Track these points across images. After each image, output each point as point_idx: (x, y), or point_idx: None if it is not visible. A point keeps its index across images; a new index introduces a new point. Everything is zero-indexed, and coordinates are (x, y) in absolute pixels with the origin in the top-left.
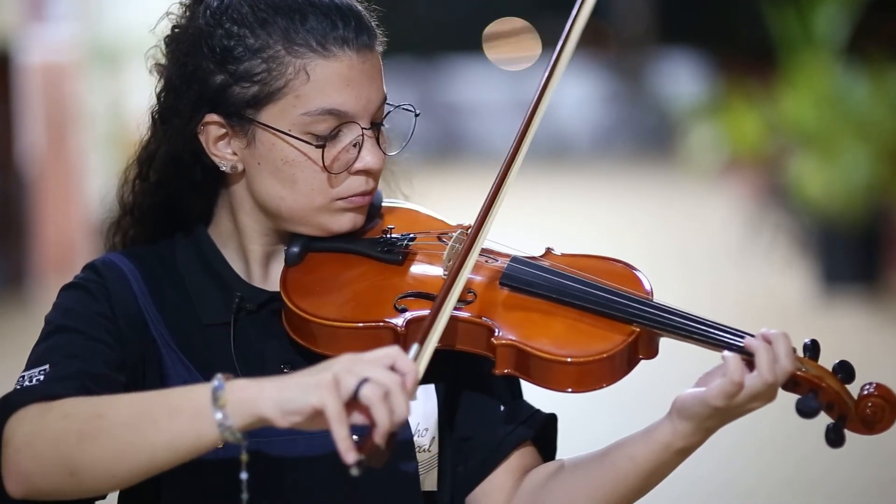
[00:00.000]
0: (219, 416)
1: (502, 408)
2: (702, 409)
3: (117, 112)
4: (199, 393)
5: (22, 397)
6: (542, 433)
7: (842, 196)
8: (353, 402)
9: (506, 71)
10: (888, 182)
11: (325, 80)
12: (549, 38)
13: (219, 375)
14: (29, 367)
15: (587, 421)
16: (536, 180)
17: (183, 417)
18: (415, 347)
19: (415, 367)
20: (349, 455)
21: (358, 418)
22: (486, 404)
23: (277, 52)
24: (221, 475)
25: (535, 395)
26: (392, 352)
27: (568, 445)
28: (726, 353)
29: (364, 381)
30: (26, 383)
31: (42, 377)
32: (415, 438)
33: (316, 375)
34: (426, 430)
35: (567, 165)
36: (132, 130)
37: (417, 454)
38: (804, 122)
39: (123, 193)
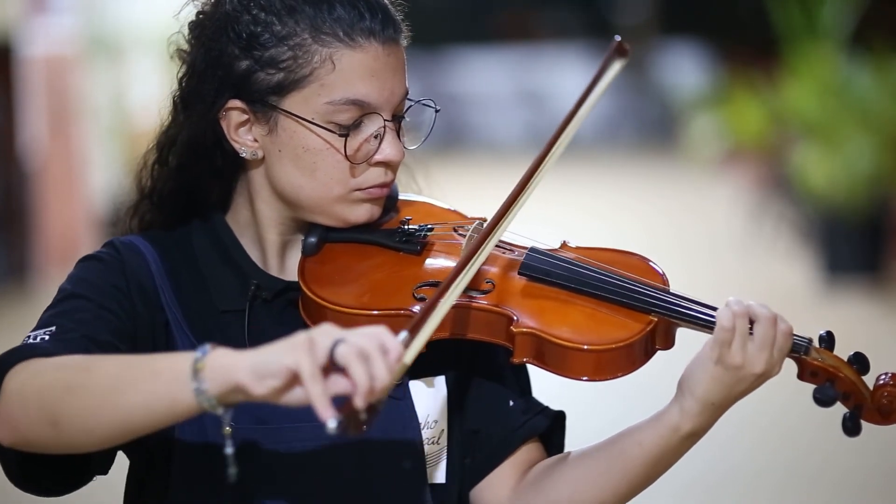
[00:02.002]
0: (195, 383)
1: (511, 402)
2: (703, 372)
3: (120, 104)
4: (182, 358)
5: (24, 352)
6: (550, 430)
7: (845, 186)
8: (331, 367)
9: (510, 62)
10: (891, 172)
11: (350, 70)
12: (554, 30)
13: (206, 345)
14: (36, 327)
15: (589, 414)
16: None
17: (161, 381)
18: (404, 334)
19: (399, 346)
20: (325, 412)
21: (337, 384)
22: (496, 398)
23: (304, 41)
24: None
25: (540, 387)
26: (378, 329)
27: (569, 437)
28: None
29: (339, 341)
30: (30, 341)
31: (47, 337)
32: (423, 431)
33: (291, 339)
34: (435, 422)
35: (571, 155)
36: (135, 122)
37: (426, 446)
38: (807, 113)
39: (142, 178)
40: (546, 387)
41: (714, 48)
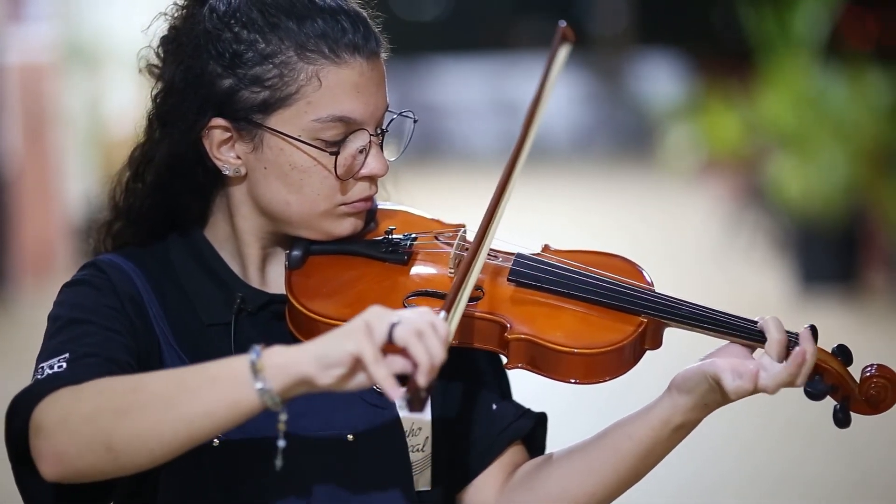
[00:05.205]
0: (258, 383)
1: (495, 406)
2: (704, 384)
3: (96, 112)
4: (235, 362)
5: (48, 384)
6: (532, 431)
7: (820, 196)
8: (389, 347)
9: (486, 72)
10: (866, 182)
11: (336, 87)
12: (530, 39)
13: (255, 346)
14: (46, 357)
15: (570, 417)
16: (516, 179)
17: (221, 386)
18: (442, 313)
19: (445, 323)
20: (394, 392)
21: (396, 363)
22: (479, 403)
23: (289, 58)
24: (219, 466)
25: (523, 391)
26: (423, 309)
27: (550, 441)
28: (766, 359)
29: (395, 324)
30: (48, 372)
31: (64, 364)
32: (408, 439)
33: (348, 326)
34: (419, 429)
35: (546, 165)
36: (111, 131)
37: (411, 454)
38: (782, 123)
39: (116, 195)
40: (522, 388)
41: (690, 59)
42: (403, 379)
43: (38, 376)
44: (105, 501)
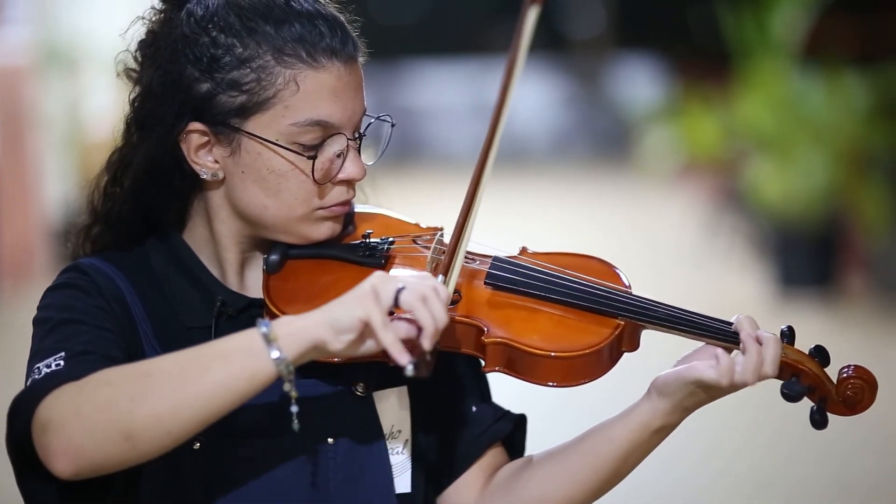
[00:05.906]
0: (274, 353)
1: (475, 408)
2: (684, 389)
3: (74, 115)
4: (246, 336)
5: (48, 382)
6: (512, 433)
7: (798, 200)
8: (394, 313)
9: (463, 75)
10: (844, 186)
11: (314, 91)
12: (507, 43)
13: (260, 319)
14: (41, 358)
15: (552, 420)
16: (494, 182)
17: (235, 360)
18: (440, 277)
19: (444, 287)
20: (402, 356)
21: (402, 328)
22: (459, 405)
23: (267, 62)
24: (200, 469)
25: (504, 395)
26: (423, 273)
27: (532, 446)
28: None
29: (401, 289)
30: (46, 371)
31: (62, 362)
32: (388, 441)
33: (354, 292)
34: (399, 431)
35: (525, 168)
36: (89, 133)
37: (391, 456)
38: (761, 126)
39: (94, 199)
40: (504, 391)
41: (668, 62)
42: (408, 344)
43: (35, 376)
44: (103, 501)
